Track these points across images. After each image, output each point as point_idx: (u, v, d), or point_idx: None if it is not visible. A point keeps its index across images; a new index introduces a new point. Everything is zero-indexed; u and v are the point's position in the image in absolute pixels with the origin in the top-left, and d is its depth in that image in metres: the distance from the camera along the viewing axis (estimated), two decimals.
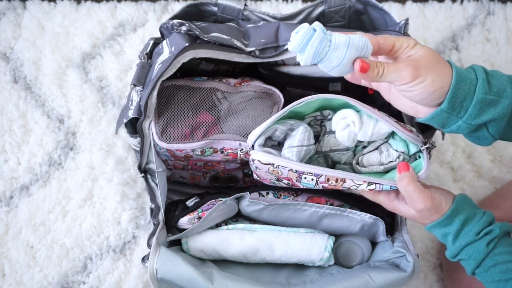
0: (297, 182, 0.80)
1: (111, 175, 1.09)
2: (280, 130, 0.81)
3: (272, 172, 0.80)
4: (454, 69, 0.69)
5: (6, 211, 1.08)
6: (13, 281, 1.04)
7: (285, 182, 0.82)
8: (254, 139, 0.81)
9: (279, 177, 0.81)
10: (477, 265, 0.75)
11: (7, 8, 1.20)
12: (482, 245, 0.74)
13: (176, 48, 0.84)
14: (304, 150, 0.80)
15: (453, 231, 0.76)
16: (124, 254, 1.06)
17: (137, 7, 1.21)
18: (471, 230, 0.75)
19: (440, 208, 0.76)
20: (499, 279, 0.73)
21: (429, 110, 0.71)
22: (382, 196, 0.81)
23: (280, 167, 0.79)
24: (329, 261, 0.88)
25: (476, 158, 1.13)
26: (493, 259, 0.74)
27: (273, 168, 0.79)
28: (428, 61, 0.69)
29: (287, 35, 0.87)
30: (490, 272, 0.74)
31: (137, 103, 0.86)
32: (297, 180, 0.80)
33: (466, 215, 0.76)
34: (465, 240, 0.75)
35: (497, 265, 0.73)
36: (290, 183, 0.81)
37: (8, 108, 1.14)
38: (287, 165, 0.79)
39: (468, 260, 0.76)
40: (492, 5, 1.22)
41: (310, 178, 0.79)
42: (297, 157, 0.79)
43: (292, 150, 0.79)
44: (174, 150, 0.87)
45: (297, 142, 0.79)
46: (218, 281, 0.80)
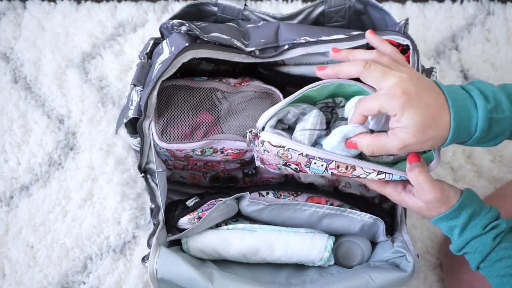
0: (306, 168, 0.78)
1: (111, 175, 1.09)
2: (292, 113, 0.79)
3: (281, 155, 0.78)
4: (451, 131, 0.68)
5: (6, 211, 1.08)
6: (13, 281, 1.04)
7: (292, 167, 0.80)
8: (265, 120, 0.78)
9: (288, 161, 0.78)
10: (482, 259, 0.75)
11: (7, 8, 1.20)
12: (488, 239, 0.74)
13: (176, 48, 0.84)
14: (316, 134, 0.78)
15: (460, 224, 0.75)
16: (124, 254, 1.06)
17: (137, 7, 1.21)
18: (478, 224, 0.75)
19: (449, 200, 0.75)
20: (504, 273, 0.73)
21: None
22: (389, 187, 0.79)
23: (290, 150, 0.76)
24: (329, 261, 0.88)
25: (476, 158, 1.13)
26: (498, 253, 0.73)
27: (283, 151, 0.77)
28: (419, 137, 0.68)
29: (287, 35, 0.87)
30: (495, 266, 0.74)
31: (137, 103, 0.86)
32: (306, 165, 0.78)
33: (473, 209, 0.75)
34: (472, 233, 0.75)
35: (502, 259, 0.73)
36: (298, 168, 0.79)
37: (8, 108, 1.14)
38: (299, 148, 0.76)
39: (473, 253, 0.75)
40: (492, 5, 1.22)
41: (320, 164, 0.77)
42: (309, 141, 0.77)
43: (305, 133, 0.77)
44: (174, 150, 0.87)
45: (310, 126, 0.77)
46: (218, 281, 0.80)
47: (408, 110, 0.67)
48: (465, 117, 0.68)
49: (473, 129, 0.69)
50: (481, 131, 0.68)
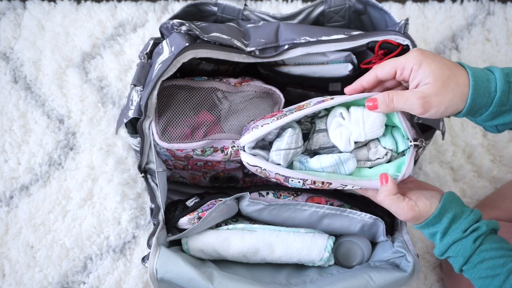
0: (285, 182, 0.81)
1: (111, 175, 1.09)
2: (272, 133, 0.81)
3: (260, 173, 0.81)
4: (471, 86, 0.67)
5: (6, 211, 1.08)
6: (13, 281, 1.04)
7: (274, 181, 0.83)
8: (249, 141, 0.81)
9: (268, 177, 0.82)
10: (464, 262, 0.75)
11: (7, 8, 1.20)
12: (469, 242, 0.74)
13: (176, 48, 0.84)
14: (292, 153, 0.80)
15: (441, 229, 0.75)
16: (124, 254, 1.06)
17: (137, 7, 1.21)
18: (459, 228, 0.75)
19: (423, 214, 0.76)
20: (486, 275, 0.73)
21: None
22: (370, 191, 0.81)
23: (267, 170, 0.80)
24: (329, 261, 0.88)
25: (476, 158, 1.13)
26: (480, 255, 0.73)
27: (260, 170, 0.81)
28: (439, 88, 0.67)
29: (287, 35, 0.87)
30: (477, 268, 0.74)
31: (137, 103, 0.86)
32: (285, 181, 0.81)
33: (454, 213, 0.75)
34: (452, 238, 0.75)
35: (484, 261, 0.73)
36: (278, 182, 0.82)
37: (8, 108, 1.14)
38: (274, 169, 0.79)
39: (455, 257, 0.75)
40: (492, 5, 1.22)
41: (297, 181, 0.80)
42: (285, 160, 0.80)
43: (280, 153, 0.80)
44: (174, 150, 0.87)
45: (285, 145, 0.80)
46: (218, 281, 0.80)
47: (425, 61, 0.67)
48: (483, 77, 0.68)
49: (493, 89, 0.67)
50: (501, 92, 0.67)
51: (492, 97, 0.68)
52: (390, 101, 0.70)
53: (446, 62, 0.69)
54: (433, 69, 0.67)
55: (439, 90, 0.67)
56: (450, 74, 0.67)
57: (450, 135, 1.13)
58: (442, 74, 0.67)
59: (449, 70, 0.68)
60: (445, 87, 0.67)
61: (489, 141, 1.14)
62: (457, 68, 0.69)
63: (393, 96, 0.70)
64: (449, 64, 0.69)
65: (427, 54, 0.69)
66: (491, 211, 0.97)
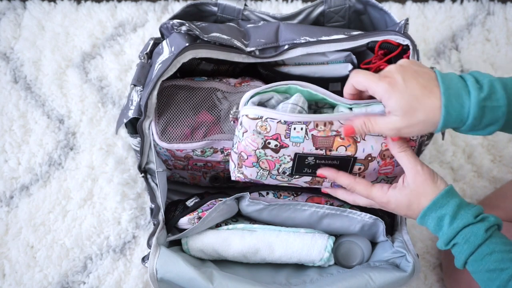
0: (286, 139, 0.77)
1: (111, 175, 1.09)
2: (276, 98, 0.78)
3: (260, 129, 0.76)
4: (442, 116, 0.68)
5: (6, 211, 1.08)
6: (13, 281, 1.04)
7: (272, 145, 0.78)
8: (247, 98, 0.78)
9: (267, 138, 0.77)
10: (472, 252, 0.72)
11: (7, 8, 1.20)
12: (481, 230, 0.71)
13: (176, 48, 0.84)
14: (298, 110, 0.77)
15: (450, 211, 0.73)
16: (124, 254, 1.06)
17: (137, 7, 1.21)
18: (468, 213, 0.73)
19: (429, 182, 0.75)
20: (495, 268, 0.70)
21: None
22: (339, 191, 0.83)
23: (269, 121, 0.76)
24: (329, 261, 0.88)
25: (476, 158, 1.13)
26: (489, 246, 0.71)
27: (261, 123, 0.76)
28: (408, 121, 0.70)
29: (287, 35, 0.87)
30: (485, 260, 0.71)
31: (137, 103, 0.86)
32: (286, 135, 0.76)
33: (460, 200, 0.74)
34: (463, 221, 0.72)
35: (493, 253, 0.71)
36: (278, 143, 0.77)
37: (8, 108, 1.14)
38: (276, 116, 0.76)
39: (463, 245, 0.72)
40: (492, 5, 1.22)
41: (300, 128, 0.76)
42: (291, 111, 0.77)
43: (287, 105, 0.77)
44: (174, 150, 0.87)
45: (292, 101, 0.77)
46: (218, 281, 0.80)
47: (393, 94, 0.69)
48: (457, 104, 0.68)
49: (466, 116, 0.69)
50: (473, 118, 0.68)
51: (464, 121, 0.69)
52: (367, 128, 0.74)
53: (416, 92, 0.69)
54: (401, 104, 0.69)
55: (409, 123, 0.70)
56: (419, 108, 0.68)
57: (450, 135, 1.13)
58: (410, 109, 0.69)
59: (418, 102, 0.68)
60: (414, 119, 0.69)
61: (489, 141, 1.14)
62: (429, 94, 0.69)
63: (369, 125, 0.74)
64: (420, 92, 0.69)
65: (396, 85, 0.69)
66: (491, 211, 0.97)
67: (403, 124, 0.70)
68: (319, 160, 0.79)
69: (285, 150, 0.78)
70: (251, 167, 0.82)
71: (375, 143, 0.79)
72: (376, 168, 0.81)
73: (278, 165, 0.80)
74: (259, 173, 0.82)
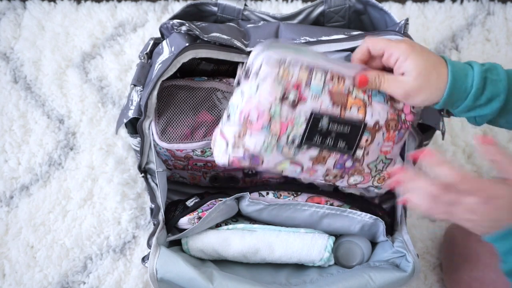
0: (306, 89, 0.74)
1: (111, 175, 1.09)
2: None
3: (282, 76, 0.74)
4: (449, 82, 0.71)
5: (6, 211, 1.08)
6: (13, 281, 1.04)
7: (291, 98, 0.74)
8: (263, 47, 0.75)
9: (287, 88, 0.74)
10: None
11: (7, 8, 1.20)
12: None
13: (176, 48, 0.84)
14: None
15: None
16: (124, 254, 1.06)
17: (137, 7, 1.21)
18: None
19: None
20: None
21: None
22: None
23: (291, 65, 0.74)
24: (329, 261, 0.88)
25: (476, 158, 1.13)
26: None
27: (283, 69, 0.74)
28: (419, 82, 0.72)
29: (287, 35, 0.87)
30: None
31: (137, 103, 0.86)
32: (307, 82, 0.74)
33: None
34: None
35: None
36: (297, 95, 0.74)
37: (8, 108, 1.14)
38: (300, 58, 0.74)
39: None
40: (492, 5, 1.22)
41: (320, 75, 0.75)
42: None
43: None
44: (174, 150, 0.87)
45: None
46: (218, 281, 0.80)
47: (411, 55, 0.71)
48: (462, 73, 0.71)
49: (469, 85, 0.71)
50: (476, 88, 0.71)
51: (468, 92, 0.72)
52: (379, 82, 0.76)
53: (431, 58, 0.72)
54: (418, 64, 0.71)
55: (420, 85, 0.72)
56: (432, 71, 0.71)
57: (450, 135, 1.13)
58: (425, 71, 0.71)
59: (432, 66, 0.72)
60: (426, 83, 0.71)
61: None
62: (440, 64, 0.72)
63: (382, 79, 0.75)
64: (433, 60, 0.72)
65: (415, 48, 0.72)
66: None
67: (413, 86, 0.71)
68: (332, 124, 0.77)
69: (303, 106, 0.75)
70: (259, 132, 0.75)
71: (381, 110, 0.78)
72: (380, 142, 0.80)
73: (290, 129, 0.76)
74: (265, 142, 0.76)
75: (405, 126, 0.81)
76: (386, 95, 0.79)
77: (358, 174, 0.82)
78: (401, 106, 0.80)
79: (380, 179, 0.84)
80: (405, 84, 0.72)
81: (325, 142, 0.78)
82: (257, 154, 0.77)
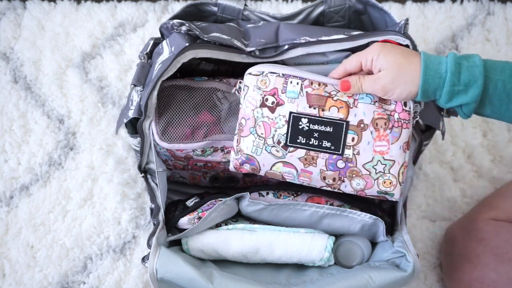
0: (283, 94, 0.82)
1: (111, 175, 1.09)
2: None
3: (260, 84, 0.83)
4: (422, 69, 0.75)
5: (6, 211, 1.08)
6: (13, 281, 1.04)
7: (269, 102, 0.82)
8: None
9: (265, 94, 0.83)
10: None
11: (7, 8, 1.20)
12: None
13: (176, 48, 0.84)
14: None
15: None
16: (124, 254, 1.06)
17: (137, 7, 1.21)
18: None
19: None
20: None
21: None
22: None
23: (269, 75, 0.83)
24: (329, 261, 0.88)
25: (476, 158, 1.13)
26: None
27: (262, 78, 0.83)
28: (393, 74, 0.77)
29: (287, 35, 0.87)
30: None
31: (137, 103, 0.86)
32: (283, 89, 0.82)
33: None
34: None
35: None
36: (275, 99, 0.82)
37: (8, 108, 1.14)
38: (276, 70, 0.83)
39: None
40: (492, 5, 1.22)
41: (296, 82, 0.83)
42: None
43: None
44: (174, 150, 0.87)
45: None
46: (218, 281, 0.80)
47: (382, 52, 0.77)
48: (435, 60, 0.75)
49: (443, 70, 0.74)
50: (451, 72, 0.73)
51: (444, 78, 0.74)
52: (360, 84, 0.80)
53: (403, 52, 0.78)
54: (389, 58, 0.76)
55: (393, 76, 0.76)
56: (403, 62, 0.76)
57: (450, 135, 1.13)
58: (396, 62, 0.76)
59: (403, 58, 0.76)
60: (399, 73, 0.76)
61: (489, 141, 1.14)
62: (413, 56, 0.77)
63: (362, 81, 0.80)
64: (405, 53, 0.77)
65: (385, 46, 0.78)
66: (490, 211, 0.97)
67: (388, 79, 0.76)
68: (312, 125, 0.82)
69: (281, 108, 0.82)
70: (248, 136, 0.83)
71: (367, 110, 0.82)
72: (371, 142, 0.82)
73: (273, 130, 0.82)
74: (255, 143, 0.83)
75: (398, 124, 0.82)
76: (373, 97, 0.82)
77: (358, 177, 0.83)
78: (392, 107, 0.82)
79: (386, 182, 0.83)
80: (381, 79, 0.77)
81: (309, 142, 0.83)
82: (251, 156, 0.84)
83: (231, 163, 0.86)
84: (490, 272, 0.90)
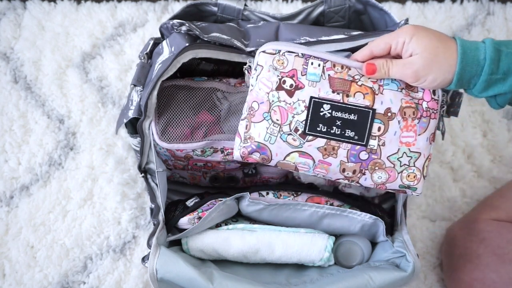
0: (302, 77, 0.75)
1: (111, 175, 1.09)
2: None
3: (276, 64, 0.75)
4: (459, 55, 0.69)
5: (6, 211, 1.08)
6: (13, 281, 1.04)
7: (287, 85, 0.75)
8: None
9: (283, 75, 0.75)
10: None
11: (7, 8, 1.20)
12: None
13: (176, 48, 0.84)
14: None
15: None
16: (124, 254, 1.06)
17: (137, 7, 1.21)
18: None
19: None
20: None
21: None
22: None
23: (286, 54, 0.75)
24: (329, 261, 0.88)
25: (476, 158, 1.13)
26: None
27: (278, 57, 0.75)
28: (427, 59, 0.70)
29: (287, 35, 0.87)
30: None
31: (137, 103, 0.86)
32: (303, 71, 0.75)
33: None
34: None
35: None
36: (294, 82, 0.75)
37: (8, 108, 1.14)
38: (294, 49, 0.76)
39: None
40: (492, 5, 1.22)
41: (317, 63, 0.75)
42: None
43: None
44: (174, 150, 0.87)
45: None
46: (218, 281, 0.80)
47: (416, 34, 0.71)
48: (472, 46, 0.69)
49: (482, 57, 0.69)
50: (490, 59, 0.68)
51: (482, 65, 0.69)
52: (387, 68, 0.74)
53: (438, 35, 0.71)
54: (423, 41, 0.70)
55: (427, 61, 0.70)
56: (439, 46, 0.70)
57: (450, 135, 1.13)
58: (431, 46, 0.70)
59: (438, 42, 0.70)
60: (434, 58, 0.70)
61: (489, 141, 1.14)
62: (448, 40, 0.71)
63: (389, 65, 0.74)
64: (440, 37, 0.71)
65: (419, 28, 0.72)
66: (491, 211, 0.97)
67: (422, 64, 0.70)
68: (335, 112, 0.75)
69: (300, 93, 0.75)
70: (261, 122, 0.77)
71: (394, 97, 0.76)
72: (398, 132, 0.76)
73: (291, 117, 0.75)
74: (268, 130, 0.76)
75: (427, 114, 0.77)
76: (400, 84, 0.76)
77: (380, 169, 0.78)
78: (420, 95, 0.77)
79: (410, 176, 0.78)
80: (413, 64, 0.71)
81: (330, 131, 0.76)
82: (263, 144, 0.77)
83: (237, 151, 0.79)
84: (491, 272, 0.90)
